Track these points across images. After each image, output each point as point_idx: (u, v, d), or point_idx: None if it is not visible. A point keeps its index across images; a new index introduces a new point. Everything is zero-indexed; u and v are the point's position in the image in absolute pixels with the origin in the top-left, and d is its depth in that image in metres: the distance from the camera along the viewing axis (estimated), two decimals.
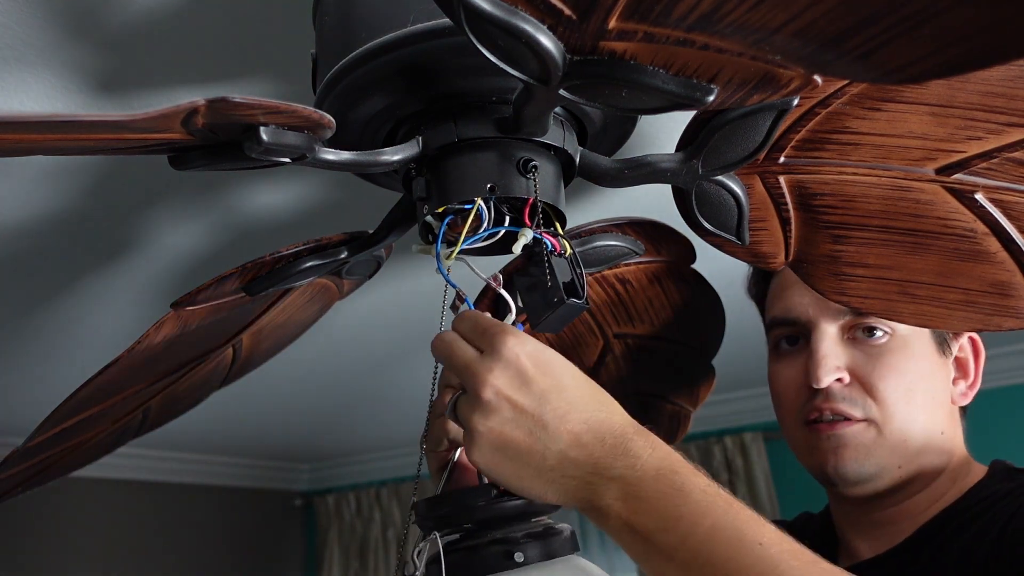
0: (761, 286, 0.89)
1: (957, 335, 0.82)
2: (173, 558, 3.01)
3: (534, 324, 0.63)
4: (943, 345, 0.80)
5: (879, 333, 0.79)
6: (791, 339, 0.84)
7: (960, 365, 0.82)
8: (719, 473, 2.74)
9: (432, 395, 0.65)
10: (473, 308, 0.63)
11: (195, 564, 3.08)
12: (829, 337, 0.80)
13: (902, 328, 0.79)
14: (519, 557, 0.52)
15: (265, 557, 3.43)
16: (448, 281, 0.62)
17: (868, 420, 0.78)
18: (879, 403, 0.78)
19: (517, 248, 0.58)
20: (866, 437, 0.78)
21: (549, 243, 0.59)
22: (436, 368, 0.66)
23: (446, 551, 0.53)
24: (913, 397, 0.78)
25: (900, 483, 0.78)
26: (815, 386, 0.78)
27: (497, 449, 0.50)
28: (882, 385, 0.77)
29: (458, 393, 0.54)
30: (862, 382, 0.78)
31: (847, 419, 0.78)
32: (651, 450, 0.50)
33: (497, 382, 0.50)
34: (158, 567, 2.95)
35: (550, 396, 0.50)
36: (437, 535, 0.53)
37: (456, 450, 0.62)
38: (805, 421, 0.81)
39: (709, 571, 0.47)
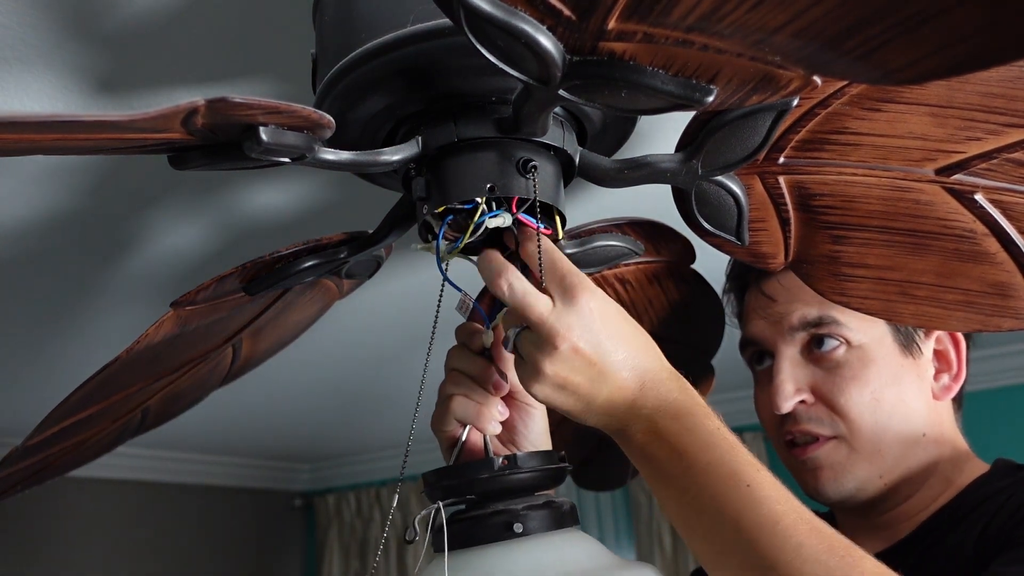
0: (739, 307, 0.90)
1: (929, 331, 0.81)
2: (173, 558, 3.01)
3: None
4: (909, 346, 0.79)
5: (831, 343, 0.78)
6: (759, 358, 0.86)
7: (941, 358, 0.81)
8: None
9: (422, 384, 0.65)
10: (480, 308, 0.64)
11: (195, 564, 3.08)
12: (787, 360, 0.80)
13: (858, 337, 0.78)
14: (518, 528, 0.55)
15: (265, 557, 3.43)
16: (450, 283, 0.62)
17: (838, 437, 0.78)
18: (844, 418, 0.77)
19: (491, 224, 0.58)
20: (839, 455, 0.78)
21: (536, 224, 0.59)
22: (428, 357, 0.67)
23: (450, 521, 0.56)
24: (880, 406, 0.77)
25: (888, 491, 0.78)
26: (777, 413, 0.79)
27: (558, 388, 0.56)
28: (843, 399, 0.77)
29: (520, 328, 0.57)
30: (825, 399, 0.79)
31: (817, 440, 0.78)
32: (677, 393, 0.56)
33: (571, 336, 0.55)
34: (158, 567, 2.95)
35: (611, 348, 0.56)
36: (440, 504, 0.57)
37: (465, 429, 0.65)
38: (784, 443, 0.82)
39: (700, 500, 0.52)
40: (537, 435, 0.68)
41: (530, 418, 0.68)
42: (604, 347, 0.55)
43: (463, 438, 0.65)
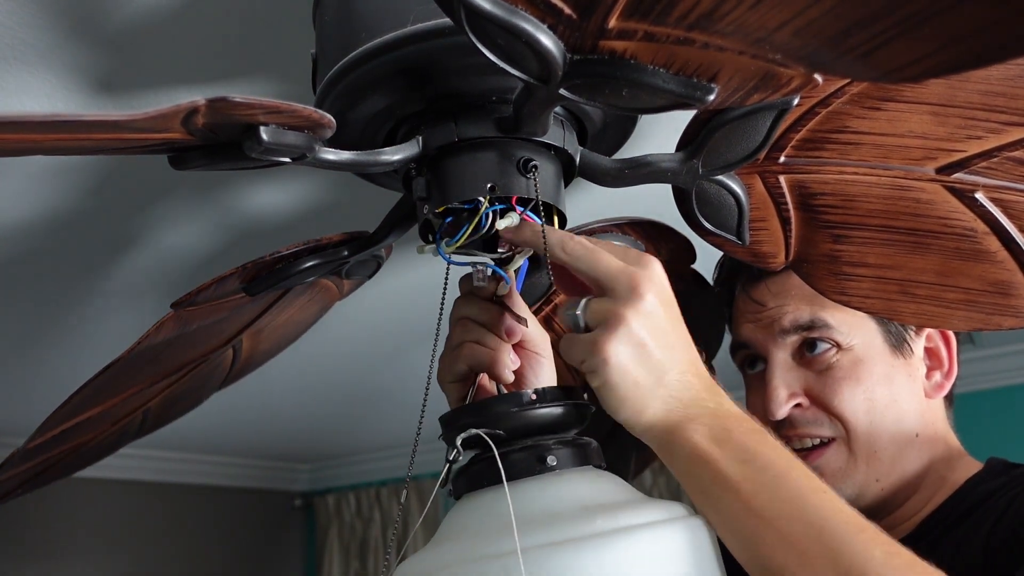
0: (728, 312, 0.90)
1: (920, 329, 0.80)
2: (173, 558, 3.01)
3: (533, 303, 0.63)
4: (900, 346, 0.79)
5: (822, 347, 0.78)
6: (750, 362, 0.85)
7: (932, 355, 0.81)
8: None
9: (428, 383, 0.65)
10: (498, 269, 0.63)
11: (195, 564, 3.08)
12: (779, 366, 0.80)
13: (848, 339, 0.78)
14: (552, 461, 0.53)
15: (265, 557, 3.43)
16: (452, 262, 0.62)
17: (836, 439, 0.78)
18: (840, 420, 0.77)
19: (500, 225, 0.58)
20: (839, 460, 0.77)
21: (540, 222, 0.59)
22: (432, 355, 0.66)
23: (479, 459, 0.54)
24: (873, 407, 0.77)
25: (885, 497, 0.78)
26: (771, 419, 0.79)
27: (636, 347, 0.51)
28: (836, 401, 0.77)
29: (589, 297, 0.54)
30: (818, 402, 0.78)
31: (817, 446, 0.78)
32: (724, 398, 0.54)
33: (654, 290, 0.52)
34: (158, 567, 2.95)
35: (678, 324, 0.54)
36: (481, 432, 0.54)
37: (478, 376, 0.63)
38: None
39: (773, 506, 0.49)
40: (547, 385, 0.66)
41: (540, 367, 0.65)
42: (673, 318, 0.53)
43: (476, 385, 0.62)
